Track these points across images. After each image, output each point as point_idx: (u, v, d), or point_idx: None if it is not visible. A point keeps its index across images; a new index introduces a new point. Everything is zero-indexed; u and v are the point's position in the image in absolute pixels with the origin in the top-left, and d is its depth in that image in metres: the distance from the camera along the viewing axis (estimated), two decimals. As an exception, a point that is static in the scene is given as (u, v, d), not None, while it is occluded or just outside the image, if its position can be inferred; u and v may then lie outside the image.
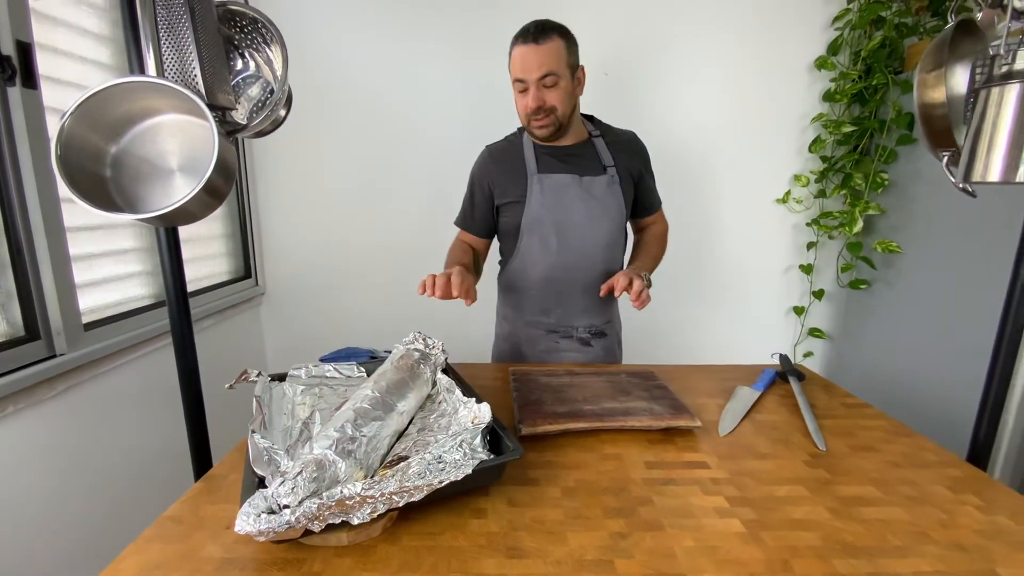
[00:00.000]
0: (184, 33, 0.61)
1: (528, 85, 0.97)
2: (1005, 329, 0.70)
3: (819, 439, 0.74)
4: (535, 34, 0.95)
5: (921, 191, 1.47)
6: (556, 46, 0.96)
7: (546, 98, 0.98)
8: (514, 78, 0.99)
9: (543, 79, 0.96)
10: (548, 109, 0.99)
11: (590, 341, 1.15)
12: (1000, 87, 0.59)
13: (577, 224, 1.06)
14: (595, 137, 1.10)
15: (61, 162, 0.58)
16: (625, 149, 1.11)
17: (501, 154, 1.12)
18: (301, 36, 1.64)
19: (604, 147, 1.09)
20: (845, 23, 1.58)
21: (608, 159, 1.08)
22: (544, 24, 0.97)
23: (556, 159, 1.07)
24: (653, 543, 0.52)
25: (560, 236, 1.07)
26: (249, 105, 0.79)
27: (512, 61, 0.98)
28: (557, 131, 1.03)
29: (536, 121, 1.01)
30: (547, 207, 1.06)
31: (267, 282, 1.87)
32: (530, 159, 1.08)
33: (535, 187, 1.06)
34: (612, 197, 1.07)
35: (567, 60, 0.98)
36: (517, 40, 0.97)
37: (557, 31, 0.97)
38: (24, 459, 0.96)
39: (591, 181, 1.06)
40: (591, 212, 1.06)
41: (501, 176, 1.10)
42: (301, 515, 0.46)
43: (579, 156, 1.08)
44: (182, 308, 0.76)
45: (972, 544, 0.53)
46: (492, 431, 0.64)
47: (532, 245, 1.09)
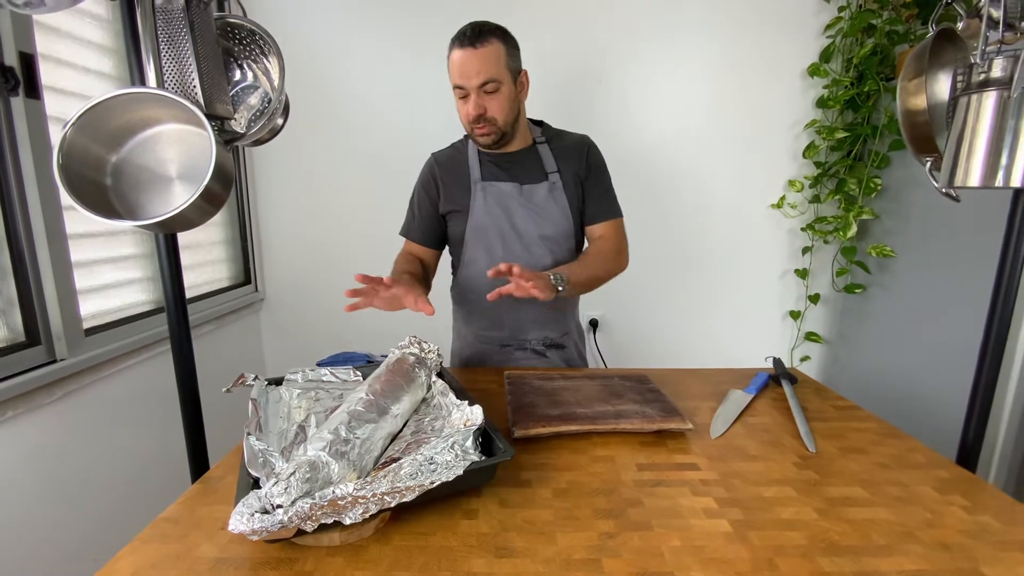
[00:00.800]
0: (184, 46, 0.63)
1: (468, 92, 0.93)
2: (991, 331, 0.71)
3: (809, 441, 0.75)
4: (472, 37, 0.90)
5: (914, 196, 1.49)
6: (495, 50, 0.91)
7: (487, 105, 0.94)
8: (453, 84, 0.95)
9: (483, 86, 0.92)
10: (489, 118, 0.95)
11: (545, 352, 1.12)
12: (978, 94, 0.61)
13: (521, 233, 1.03)
14: (540, 144, 1.06)
15: (63, 171, 0.59)
16: (572, 154, 1.06)
17: (446, 161, 1.09)
18: (298, 46, 1.67)
19: (548, 153, 1.05)
20: (837, 31, 1.61)
21: (551, 165, 1.05)
22: (482, 26, 0.92)
23: (498, 167, 1.05)
24: (641, 543, 0.53)
25: (505, 245, 1.04)
26: (248, 114, 0.81)
27: (450, 66, 0.94)
28: (500, 139, 0.99)
29: (478, 129, 0.97)
30: (491, 215, 1.03)
31: (267, 288, 1.88)
32: (474, 167, 1.05)
33: (478, 195, 1.03)
34: (554, 204, 1.04)
35: (508, 64, 0.94)
36: (454, 44, 0.93)
37: (496, 34, 0.92)
38: (24, 462, 0.97)
39: (531, 189, 1.03)
40: (534, 221, 1.03)
41: (446, 184, 1.07)
42: (294, 515, 0.47)
43: (521, 163, 1.05)
44: (180, 313, 0.78)
45: (956, 543, 0.54)
46: (484, 433, 0.65)
47: (477, 255, 1.06)
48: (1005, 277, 0.70)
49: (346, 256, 1.84)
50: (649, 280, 1.85)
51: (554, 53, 1.67)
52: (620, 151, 1.75)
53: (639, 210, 1.80)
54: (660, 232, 1.83)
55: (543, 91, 1.71)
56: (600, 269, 1.02)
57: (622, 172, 1.80)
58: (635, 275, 1.84)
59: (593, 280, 1.00)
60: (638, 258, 1.82)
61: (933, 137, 0.71)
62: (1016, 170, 0.60)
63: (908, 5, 1.49)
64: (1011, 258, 0.69)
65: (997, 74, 0.60)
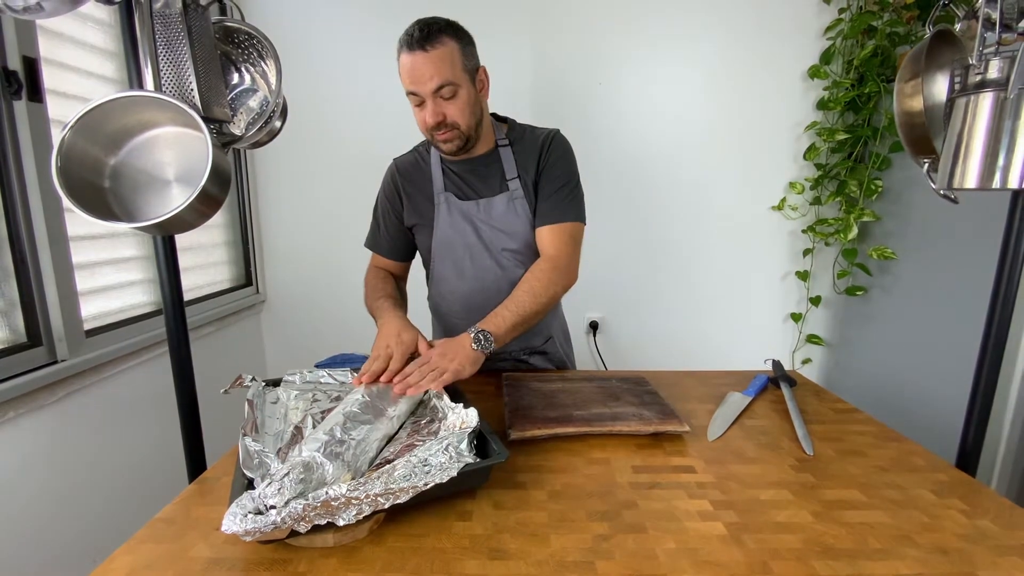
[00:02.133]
0: (181, 50, 0.64)
1: (423, 98, 0.86)
2: (990, 332, 0.71)
3: (807, 444, 0.74)
4: (421, 40, 0.82)
5: (915, 197, 1.48)
6: (448, 51, 0.84)
7: (446, 112, 0.87)
8: (406, 91, 0.87)
9: (439, 90, 0.85)
10: (450, 124, 0.88)
11: (528, 360, 1.10)
12: (975, 96, 0.60)
13: (488, 246, 0.98)
14: (502, 146, 0.98)
15: (61, 174, 0.60)
16: (531, 153, 0.98)
17: (408, 170, 1.03)
18: (296, 49, 1.68)
19: (510, 156, 0.98)
20: (837, 33, 1.61)
21: (512, 170, 0.97)
22: (430, 25, 0.84)
23: (460, 176, 0.99)
24: (635, 545, 0.53)
25: (473, 260, 0.99)
26: (247, 117, 0.82)
27: (401, 71, 0.86)
28: (465, 143, 0.92)
29: (440, 136, 0.90)
30: (456, 229, 0.97)
31: (267, 290, 1.89)
32: (437, 177, 0.98)
33: (442, 207, 0.97)
34: (515, 216, 0.97)
35: (463, 65, 0.86)
36: (402, 47, 0.85)
37: (447, 32, 0.85)
38: (24, 463, 0.98)
39: (489, 204, 0.97)
40: (497, 235, 0.98)
41: (409, 194, 1.01)
42: (287, 516, 0.47)
43: (481, 172, 0.98)
44: (178, 315, 0.78)
45: (954, 548, 0.53)
46: (480, 435, 0.65)
47: (446, 270, 1.02)
48: (1004, 278, 0.69)
49: (346, 258, 1.84)
50: (650, 282, 1.85)
51: (554, 56, 1.68)
52: (620, 154, 1.75)
53: (640, 212, 1.80)
54: (661, 234, 1.83)
55: (542, 94, 1.72)
56: (535, 303, 0.88)
57: (622, 175, 1.81)
58: (636, 277, 1.85)
59: (532, 316, 0.89)
60: (639, 260, 1.83)
61: (930, 138, 0.71)
62: (1013, 171, 0.59)
63: (909, 7, 1.48)
64: (1010, 259, 0.69)
65: (994, 75, 0.60)
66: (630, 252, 1.83)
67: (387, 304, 0.93)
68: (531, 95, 1.70)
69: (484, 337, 0.81)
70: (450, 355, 0.79)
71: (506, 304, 0.88)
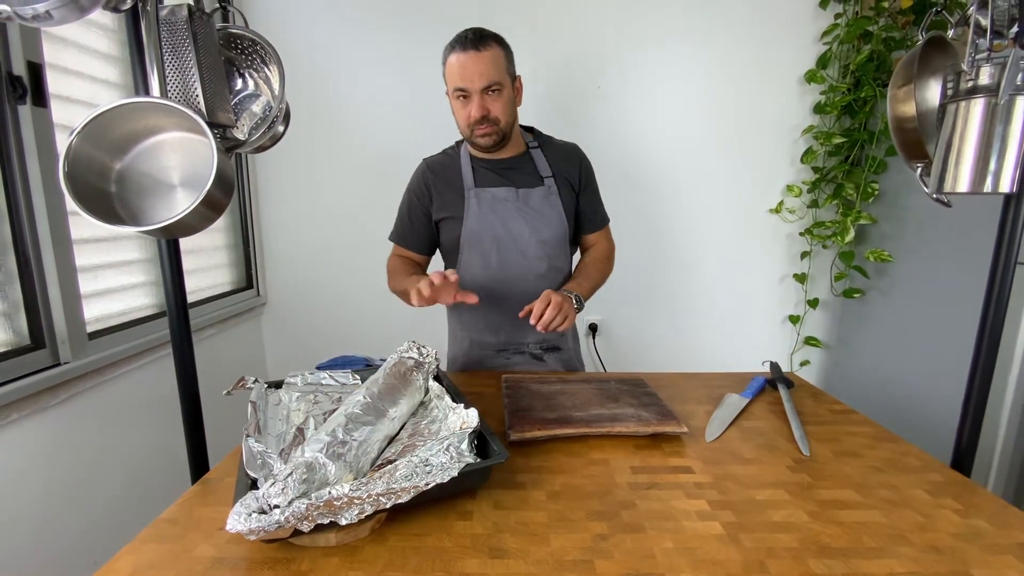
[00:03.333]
0: (187, 56, 0.65)
1: (470, 94, 0.95)
2: (984, 333, 0.72)
3: (804, 444, 0.75)
4: (474, 41, 0.93)
5: (911, 200, 1.49)
6: (496, 54, 0.94)
7: (490, 107, 0.96)
8: (453, 88, 0.96)
9: (487, 88, 0.94)
10: (493, 119, 0.97)
11: (543, 356, 1.13)
12: (966, 101, 0.61)
13: (516, 238, 1.04)
14: (533, 148, 1.08)
15: (68, 178, 0.61)
16: (565, 160, 1.09)
17: (439, 167, 1.09)
18: (299, 55, 1.69)
19: (542, 158, 1.07)
20: (833, 37, 1.62)
21: (546, 170, 1.06)
22: (482, 32, 0.95)
23: (494, 173, 1.05)
24: (633, 544, 0.54)
25: (500, 251, 1.05)
26: (251, 122, 0.83)
27: (449, 70, 0.96)
28: (500, 141, 1.01)
29: (480, 130, 0.98)
30: (485, 222, 1.04)
31: (268, 292, 1.90)
32: (467, 173, 1.06)
33: (472, 202, 1.04)
34: (551, 208, 1.05)
35: (507, 69, 0.97)
36: (455, 48, 0.95)
37: (495, 39, 0.95)
38: (27, 464, 0.98)
39: (527, 193, 1.04)
40: (530, 225, 1.04)
41: (439, 190, 1.07)
42: (290, 515, 0.48)
43: (516, 169, 1.06)
44: (182, 318, 0.79)
45: (948, 546, 0.54)
46: (480, 436, 0.66)
47: (472, 262, 1.06)
48: (997, 280, 0.70)
49: (347, 261, 1.85)
50: (648, 285, 1.86)
51: (553, 59, 1.69)
52: (619, 157, 1.76)
53: (639, 216, 1.81)
54: (659, 237, 1.84)
55: (542, 98, 1.73)
56: (599, 278, 1.09)
57: (621, 178, 1.82)
58: (635, 279, 1.86)
59: (594, 290, 1.07)
60: (638, 262, 1.84)
61: (923, 143, 0.72)
62: (1004, 175, 0.60)
63: (904, 12, 1.50)
64: (1003, 262, 0.70)
65: (985, 81, 0.61)
66: (629, 255, 1.83)
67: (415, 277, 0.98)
68: (530, 97, 1.70)
69: (579, 299, 0.97)
70: (568, 303, 0.92)
71: (581, 279, 1.05)
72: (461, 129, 1.02)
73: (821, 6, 1.63)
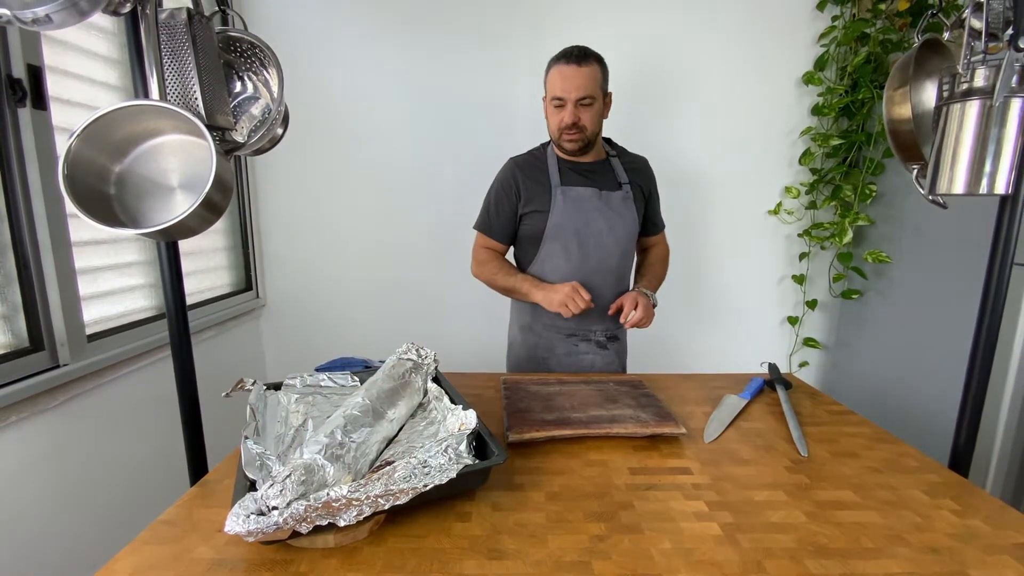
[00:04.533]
0: (186, 59, 0.65)
1: (566, 103, 1.05)
2: (981, 334, 0.72)
3: (802, 445, 0.75)
4: (578, 57, 1.04)
5: (908, 202, 1.50)
6: (594, 71, 1.05)
7: (581, 116, 1.07)
8: (552, 95, 1.08)
9: (581, 100, 1.05)
10: (581, 127, 1.08)
11: (606, 344, 1.22)
12: (961, 103, 0.62)
13: (596, 233, 1.14)
14: (612, 157, 1.20)
15: (67, 181, 0.61)
16: (638, 170, 1.21)
17: (527, 166, 1.18)
18: (298, 58, 1.69)
19: (620, 166, 1.19)
20: (831, 39, 1.63)
21: (623, 177, 1.18)
22: (585, 50, 1.06)
23: (578, 174, 1.16)
24: (631, 545, 0.54)
25: (580, 244, 1.14)
26: (250, 124, 0.83)
27: (551, 79, 1.08)
28: (585, 147, 1.12)
29: (568, 135, 1.09)
30: (569, 217, 1.13)
31: (267, 294, 1.90)
32: (554, 172, 1.15)
33: (558, 198, 1.13)
34: (627, 210, 1.16)
35: (601, 85, 1.08)
36: (559, 61, 1.06)
37: (595, 58, 1.07)
38: (26, 466, 0.98)
39: (609, 195, 1.15)
40: (609, 223, 1.15)
41: (527, 186, 1.16)
42: (289, 516, 0.48)
43: (598, 172, 1.17)
44: (181, 320, 0.79)
45: (945, 547, 0.54)
46: (479, 437, 0.66)
47: (554, 252, 1.16)
48: (994, 281, 0.70)
49: (346, 262, 1.85)
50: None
51: (552, 62, 1.70)
52: (618, 158, 1.77)
53: (637, 216, 1.82)
54: (658, 238, 1.84)
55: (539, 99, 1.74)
56: (663, 276, 1.28)
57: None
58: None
59: (659, 287, 1.24)
60: (636, 264, 1.84)
61: (919, 145, 0.72)
62: (1000, 177, 0.61)
63: (901, 14, 1.50)
64: (999, 262, 0.70)
65: (980, 83, 0.61)
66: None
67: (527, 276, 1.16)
68: (529, 98, 1.71)
69: (655, 299, 1.16)
70: (649, 304, 1.12)
71: (651, 278, 1.23)
72: (551, 132, 1.13)
73: (818, 8, 1.64)
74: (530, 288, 1.13)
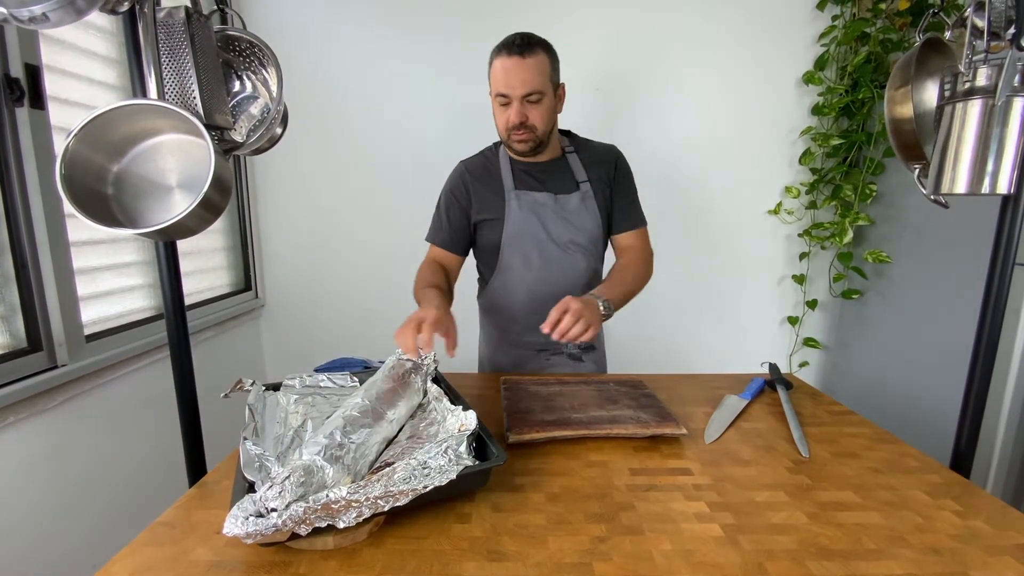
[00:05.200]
0: (184, 58, 0.65)
1: (511, 100, 0.95)
2: (983, 334, 0.72)
3: (803, 446, 0.75)
4: (521, 47, 0.92)
5: (909, 201, 1.49)
6: (541, 61, 0.94)
7: (529, 114, 0.96)
8: (496, 92, 0.96)
9: (528, 96, 0.94)
10: (530, 126, 0.97)
11: (581, 356, 1.14)
12: (963, 103, 0.62)
13: (556, 240, 1.06)
14: (569, 153, 1.09)
15: (65, 181, 0.61)
16: (599, 162, 1.09)
17: (478, 170, 1.10)
18: (297, 57, 1.69)
19: (578, 162, 1.08)
20: (831, 39, 1.62)
21: (582, 174, 1.07)
22: (530, 38, 0.94)
23: (531, 176, 1.07)
24: (632, 547, 0.53)
25: (541, 252, 1.06)
26: (248, 124, 0.83)
27: (494, 73, 0.96)
28: (537, 147, 1.01)
29: (516, 135, 0.99)
30: (525, 224, 1.05)
31: (267, 294, 1.90)
32: (507, 176, 1.06)
33: (512, 203, 1.05)
34: (586, 212, 1.07)
35: (550, 76, 0.97)
36: (501, 52, 0.94)
37: (542, 46, 0.95)
38: (25, 467, 0.98)
39: (565, 199, 1.06)
40: (569, 228, 1.06)
41: (478, 192, 1.08)
42: (288, 518, 0.48)
43: (553, 172, 1.07)
44: (180, 320, 0.79)
45: (947, 548, 0.54)
46: (479, 438, 0.66)
47: (513, 262, 1.07)
48: (995, 281, 0.70)
49: (345, 262, 1.85)
50: (647, 286, 1.86)
51: (552, 62, 1.69)
52: (617, 158, 1.77)
53: (637, 216, 1.81)
54: (658, 238, 1.82)
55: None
56: (633, 283, 1.03)
57: (620, 179, 1.82)
58: (633, 281, 1.86)
59: (628, 296, 1.00)
60: (636, 264, 1.84)
61: (920, 144, 0.72)
62: (1002, 177, 0.61)
63: (901, 14, 1.50)
64: (1000, 262, 0.70)
65: (982, 83, 0.61)
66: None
67: (432, 293, 0.96)
68: (529, 101, 1.71)
69: (607, 305, 0.89)
70: (589, 309, 0.84)
71: (613, 283, 0.99)
72: (499, 132, 1.02)
73: (818, 8, 1.64)
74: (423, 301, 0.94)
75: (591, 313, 0.84)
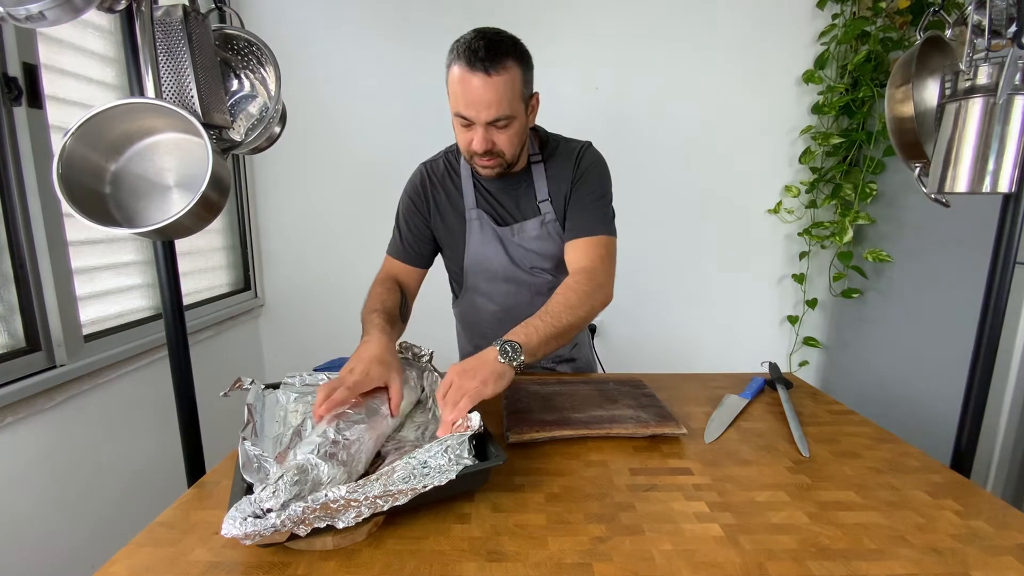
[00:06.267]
0: (182, 57, 0.64)
1: (474, 123, 0.80)
2: (983, 333, 0.72)
3: (803, 445, 0.75)
4: (485, 61, 0.75)
5: (909, 201, 1.49)
6: (510, 78, 0.77)
7: (496, 140, 0.82)
8: (455, 111, 0.80)
9: (495, 122, 0.79)
10: (497, 152, 0.83)
11: (555, 369, 1.11)
12: (964, 101, 0.61)
13: (520, 265, 0.99)
14: (535, 163, 0.95)
15: (62, 180, 0.60)
16: (563, 168, 0.95)
17: (438, 175, 0.99)
18: (296, 56, 1.69)
19: (542, 175, 0.95)
20: (831, 38, 1.62)
21: (544, 191, 0.95)
22: (496, 44, 0.76)
23: (493, 195, 0.97)
24: (632, 547, 0.53)
25: (507, 276, 1.00)
26: (247, 123, 0.82)
27: (452, 87, 0.79)
28: (505, 171, 0.89)
29: (480, 161, 0.85)
30: (488, 248, 0.97)
31: (266, 294, 1.89)
32: (468, 190, 0.96)
33: (474, 224, 0.96)
34: (547, 238, 0.97)
35: (522, 93, 0.80)
36: (460, 59, 0.76)
37: (511, 54, 0.77)
38: (23, 468, 0.98)
39: (522, 227, 0.96)
40: (529, 257, 0.98)
41: (438, 203, 0.99)
42: (286, 519, 0.47)
43: (513, 191, 0.96)
44: (178, 320, 0.78)
45: (948, 548, 0.54)
46: (479, 437, 0.65)
47: (478, 284, 1.02)
48: (996, 280, 0.70)
49: (344, 261, 1.85)
50: (647, 285, 1.86)
51: (552, 61, 1.69)
52: (617, 158, 1.76)
53: (636, 216, 1.81)
54: (658, 237, 1.84)
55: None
56: (572, 315, 0.79)
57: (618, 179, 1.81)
58: (633, 281, 1.86)
59: (568, 329, 0.79)
60: (636, 264, 1.84)
61: (921, 143, 0.72)
62: (1003, 175, 0.60)
63: (901, 12, 1.50)
64: (1001, 261, 0.70)
65: (983, 81, 0.61)
66: (627, 255, 1.82)
67: (377, 320, 0.82)
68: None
69: (512, 348, 0.71)
70: (471, 372, 0.69)
71: (539, 315, 0.78)
72: (462, 150, 0.88)
73: (818, 7, 1.63)
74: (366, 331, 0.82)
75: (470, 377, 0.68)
